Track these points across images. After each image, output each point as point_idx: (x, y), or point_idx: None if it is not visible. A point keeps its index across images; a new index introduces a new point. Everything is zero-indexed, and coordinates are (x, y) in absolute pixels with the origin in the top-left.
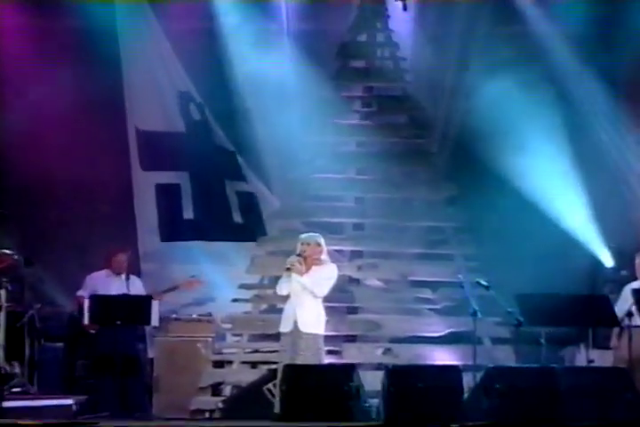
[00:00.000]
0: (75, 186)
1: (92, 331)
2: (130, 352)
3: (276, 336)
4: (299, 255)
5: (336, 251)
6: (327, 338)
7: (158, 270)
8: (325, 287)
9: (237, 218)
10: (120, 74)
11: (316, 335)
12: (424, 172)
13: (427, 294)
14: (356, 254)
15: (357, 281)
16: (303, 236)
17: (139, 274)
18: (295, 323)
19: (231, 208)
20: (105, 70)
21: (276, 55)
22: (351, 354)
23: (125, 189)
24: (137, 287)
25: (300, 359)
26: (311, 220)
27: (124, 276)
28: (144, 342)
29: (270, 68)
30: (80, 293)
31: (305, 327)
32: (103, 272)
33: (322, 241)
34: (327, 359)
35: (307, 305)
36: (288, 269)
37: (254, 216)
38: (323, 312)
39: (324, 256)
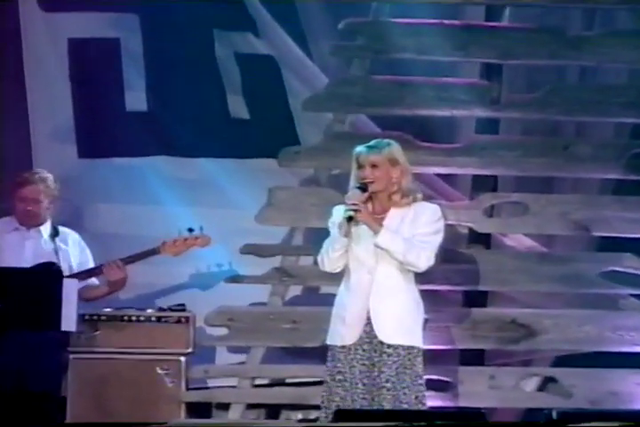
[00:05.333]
0: None
1: None
2: (39, 385)
3: (321, 353)
4: (361, 188)
5: (441, 176)
6: (427, 357)
7: (72, 217)
8: (428, 251)
9: (239, 110)
10: None
11: (410, 351)
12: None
13: (632, 264)
14: (483, 184)
15: (486, 239)
16: (362, 147)
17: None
18: (368, 326)
19: (226, 89)
20: None
21: None
22: (475, 389)
23: (7, 51)
24: (75, 251)
25: (384, 400)
26: (391, 111)
27: (45, 229)
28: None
29: None
30: None
31: (388, 336)
32: (7, 220)
33: (401, 155)
34: (429, 400)
35: (389, 290)
36: (349, 218)
37: (275, 105)
38: (420, 305)
39: (411, 184)
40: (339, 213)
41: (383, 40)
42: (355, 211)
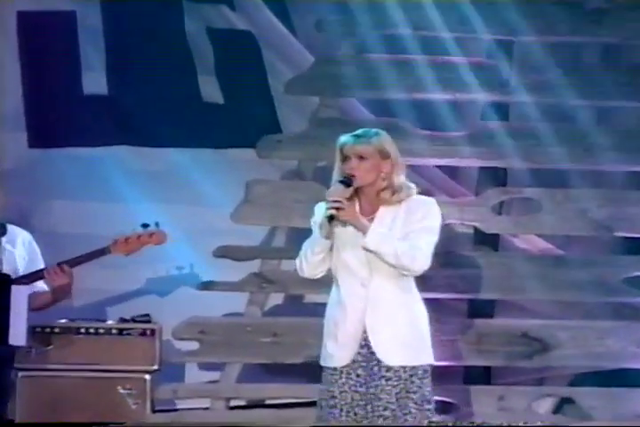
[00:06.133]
0: None
1: None
2: None
3: (306, 370)
4: (344, 182)
5: (442, 169)
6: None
7: (21, 214)
8: (424, 252)
9: (212, 93)
10: None
11: (414, 372)
12: None
13: None
14: (490, 177)
15: (494, 241)
16: (347, 137)
17: None
18: (365, 347)
19: (197, 69)
20: None
21: None
22: (482, 411)
23: None
24: (23, 253)
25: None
26: (386, 95)
27: None
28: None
29: None
30: None
31: (390, 356)
32: None
33: (392, 146)
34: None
35: (388, 304)
36: (331, 217)
37: (253, 88)
38: (424, 316)
39: (403, 180)
40: (321, 211)
41: (377, 14)
42: (337, 209)
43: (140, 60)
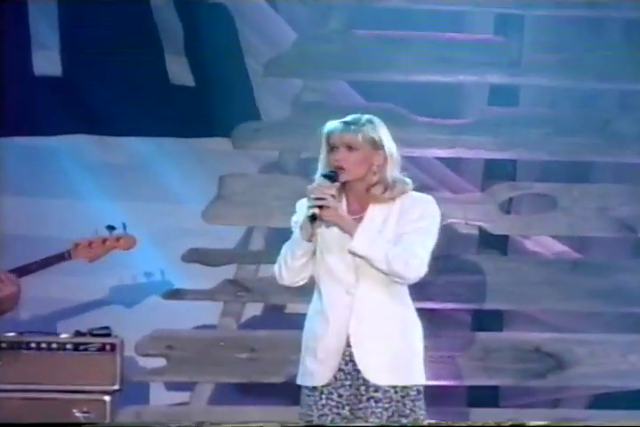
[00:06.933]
0: None
1: None
2: None
3: (286, 390)
4: (329, 176)
5: (444, 161)
6: (426, 395)
7: None
8: (420, 257)
9: (181, 75)
10: None
11: (407, 393)
12: None
13: None
14: (498, 171)
15: (502, 243)
16: (335, 124)
17: None
18: (350, 364)
19: (164, 48)
20: None
21: None
22: None
23: None
24: None
25: None
26: (379, 77)
27: None
28: None
29: None
30: None
31: (377, 375)
32: None
33: (386, 135)
34: None
35: (376, 314)
36: (313, 217)
37: (228, 69)
38: (417, 329)
39: (397, 174)
40: (303, 208)
41: None
42: (320, 207)
43: (99, 38)
